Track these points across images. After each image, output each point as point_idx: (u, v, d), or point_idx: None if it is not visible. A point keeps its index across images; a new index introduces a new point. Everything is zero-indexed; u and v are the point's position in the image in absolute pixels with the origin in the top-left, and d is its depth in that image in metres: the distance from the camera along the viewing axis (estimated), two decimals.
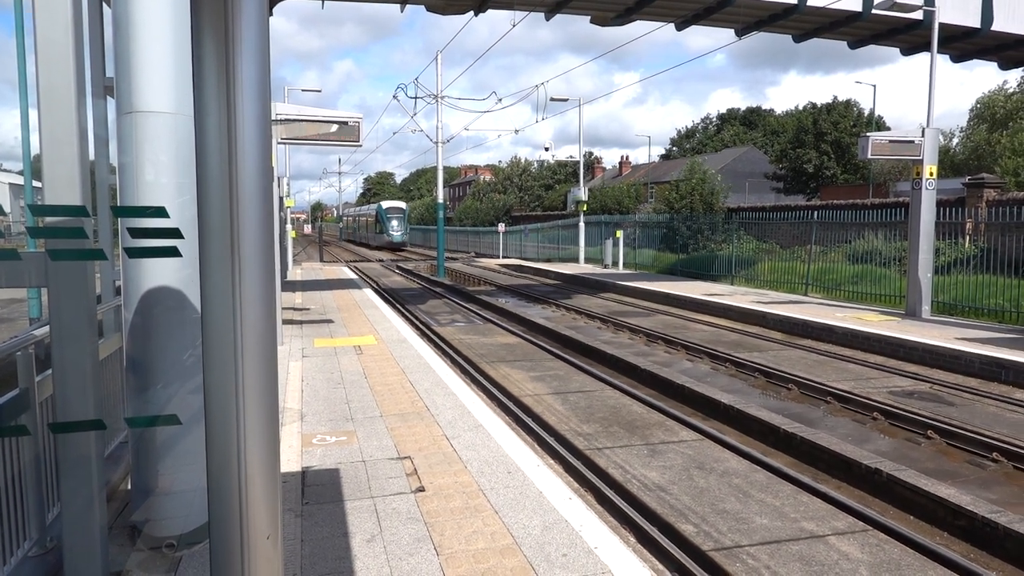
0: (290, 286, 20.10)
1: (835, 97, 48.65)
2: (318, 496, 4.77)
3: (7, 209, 36.37)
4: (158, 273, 3.75)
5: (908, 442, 7.31)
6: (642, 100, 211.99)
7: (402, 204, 60.38)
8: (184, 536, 3.81)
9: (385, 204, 59.32)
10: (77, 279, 2.88)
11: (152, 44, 3.62)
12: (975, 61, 20.80)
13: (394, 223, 55.67)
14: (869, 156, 14.22)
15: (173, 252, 1.69)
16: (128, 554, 3.83)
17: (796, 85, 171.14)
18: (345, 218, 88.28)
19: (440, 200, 29.94)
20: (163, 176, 3.73)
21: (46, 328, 3.28)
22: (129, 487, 4.33)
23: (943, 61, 20.98)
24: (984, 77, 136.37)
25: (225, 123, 1.45)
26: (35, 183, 7.65)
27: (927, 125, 13.93)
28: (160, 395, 3.78)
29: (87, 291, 2.95)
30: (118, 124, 3.74)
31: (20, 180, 8.35)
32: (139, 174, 3.70)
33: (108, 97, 5.06)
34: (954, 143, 44.74)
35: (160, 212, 1.81)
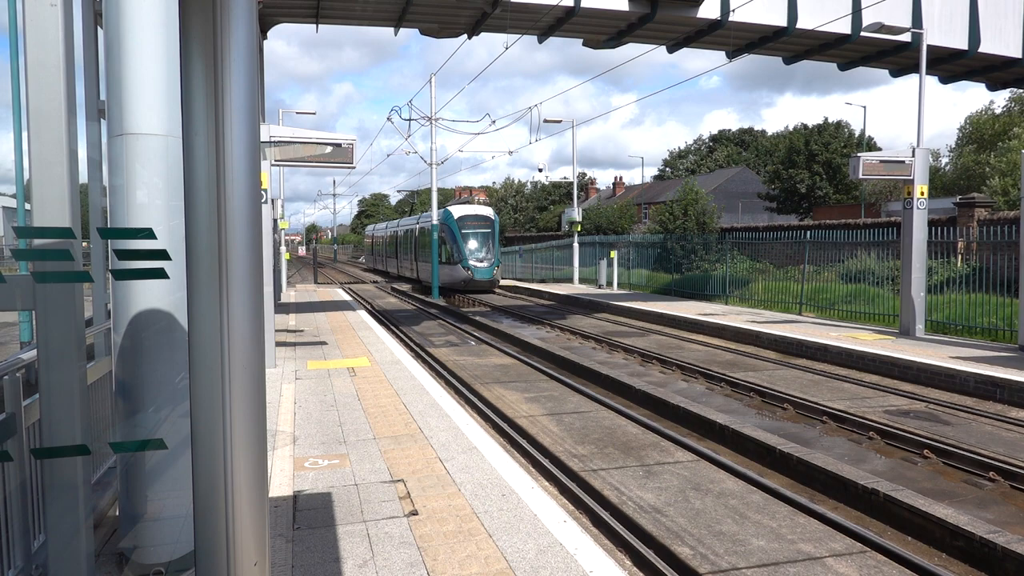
0: (284, 308, 20.03)
1: (826, 118, 49.00)
2: (310, 521, 4.70)
3: (1, 232, 36.36)
4: (149, 295, 3.71)
5: (905, 462, 7.27)
6: (639, 121, 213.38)
7: (488, 211, 33.79)
8: (172, 563, 3.75)
9: (458, 211, 32.73)
10: (65, 301, 2.85)
11: (144, 66, 3.62)
12: (967, 82, 21.07)
13: (473, 244, 31.39)
14: (860, 176, 14.29)
15: (159, 274, 1.67)
16: None
17: (792, 106, 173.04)
18: (372, 237, 57.97)
19: (435, 222, 29.96)
20: (156, 198, 3.72)
21: (34, 351, 3.24)
22: (117, 513, 4.26)
23: (933, 82, 21.24)
24: (976, 98, 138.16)
25: (213, 145, 1.44)
26: (27, 205, 7.63)
27: (917, 145, 14.05)
28: (150, 419, 3.74)
29: (75, 313, 2.91)
30: (109, 146, 3.73)
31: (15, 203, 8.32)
32: (130, 196, 3.69)
33: (102, 119, 5.06)
34: (943, 163, 45.13)
35: (148, 233, 1.80)
